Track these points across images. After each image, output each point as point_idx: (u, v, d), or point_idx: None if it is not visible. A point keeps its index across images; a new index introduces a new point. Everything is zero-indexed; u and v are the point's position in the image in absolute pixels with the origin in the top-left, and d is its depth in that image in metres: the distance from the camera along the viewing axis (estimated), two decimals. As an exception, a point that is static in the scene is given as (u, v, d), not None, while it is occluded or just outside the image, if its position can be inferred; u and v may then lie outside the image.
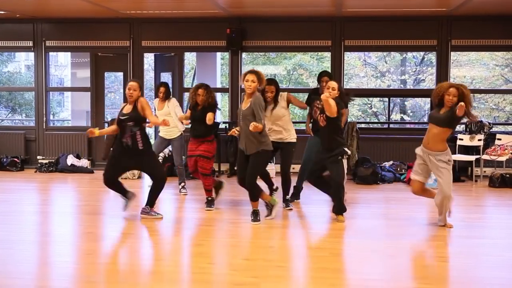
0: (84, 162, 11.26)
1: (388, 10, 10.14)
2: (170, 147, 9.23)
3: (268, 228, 6.66)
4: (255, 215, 6.86)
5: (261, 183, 7.10)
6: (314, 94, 7.89)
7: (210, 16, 10.85)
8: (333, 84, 6.88)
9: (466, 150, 10.34)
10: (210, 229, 6.70)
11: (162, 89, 8.87)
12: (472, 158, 10.06)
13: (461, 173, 10.33)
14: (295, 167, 8.57)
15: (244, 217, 7.00)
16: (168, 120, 7.01)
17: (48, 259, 5.72)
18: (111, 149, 7.08)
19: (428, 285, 4.82)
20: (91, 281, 4.88)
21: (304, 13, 10.55)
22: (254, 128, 6.42)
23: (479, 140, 10.15)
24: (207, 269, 5.29)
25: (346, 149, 6.91)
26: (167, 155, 10.47)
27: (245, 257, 5.71)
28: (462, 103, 6.09)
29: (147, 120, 6.94)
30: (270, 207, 7.04)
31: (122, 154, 6.86)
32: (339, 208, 6.97)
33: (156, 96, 9.13)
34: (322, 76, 7.91)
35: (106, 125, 10.94)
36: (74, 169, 11.07)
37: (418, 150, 6.70)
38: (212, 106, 7.53)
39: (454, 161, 10.09)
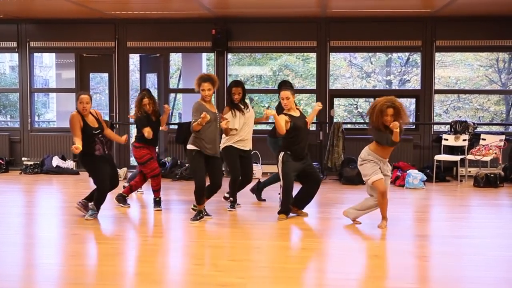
0: (70, 164, 11.21)
1: (373, 11, 10.19)
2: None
3: (253, 229, 6.67)
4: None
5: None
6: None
7: (196, 17, 10.84)
8: (285, 94, 6.93)
9: (451, 150, 10.41)
10: (195, 230, 6.69)
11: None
12: (457, 158, 10.13)
13: (446, 173, 10.40)
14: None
15: (229, 217, 7.00)
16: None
17: (33, 261, 5.68)
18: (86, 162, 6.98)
19: (411, 285, 4.85)
20: (76, 283, 4.86)
21: (290, 14, 10.57)
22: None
23: (464, 140, 10.22)
24: (193, 270, 5.29)
25: None
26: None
27: (231, 257, 5.71)
28: (396, 124, 6.17)
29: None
30: (199, 213, 6.98)
31: (99, 160, 6.89)
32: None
33: None
34: (280, 88, 7.67)
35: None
36: (59, 171, 11.02)
37: (370, 157, 6.56)
38: (158, 112, 7.69)
39: (440, 161, 10.21)
